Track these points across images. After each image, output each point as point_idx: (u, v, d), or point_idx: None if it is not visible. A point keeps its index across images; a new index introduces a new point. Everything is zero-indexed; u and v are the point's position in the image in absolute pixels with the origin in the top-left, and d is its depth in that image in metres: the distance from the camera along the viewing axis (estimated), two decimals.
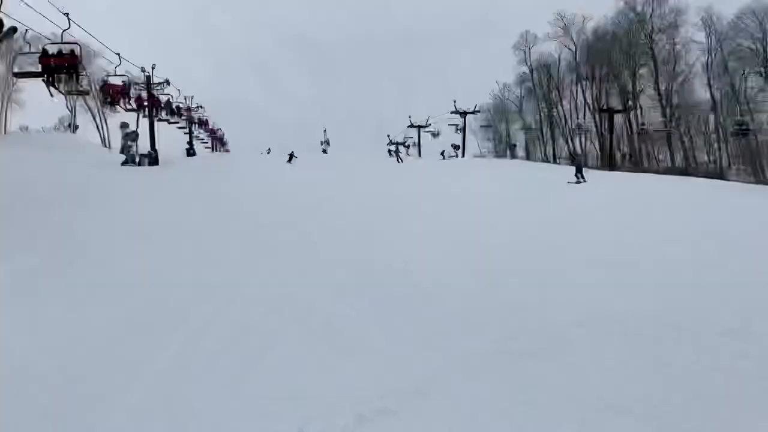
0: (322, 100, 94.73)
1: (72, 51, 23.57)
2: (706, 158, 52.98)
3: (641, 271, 9.70)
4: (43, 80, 23.32)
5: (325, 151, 59.01)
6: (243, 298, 8.19)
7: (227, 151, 58.87)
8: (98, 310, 7.49)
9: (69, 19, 22.77)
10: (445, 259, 10.85)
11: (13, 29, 17.28)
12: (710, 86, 51.60)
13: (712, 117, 51.09)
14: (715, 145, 52.45)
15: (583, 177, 27.86)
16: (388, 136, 61.58)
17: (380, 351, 6.15)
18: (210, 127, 52.75)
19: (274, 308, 7.71)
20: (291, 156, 37.10)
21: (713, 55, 51.48)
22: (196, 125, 47.17)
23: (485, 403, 4.72)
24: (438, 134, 57.12)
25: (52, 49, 23.56)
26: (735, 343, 5.82)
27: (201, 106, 46.88)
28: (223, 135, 58.84)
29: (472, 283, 9.07)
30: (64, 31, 22.87)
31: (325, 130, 62.48)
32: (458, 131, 55.66)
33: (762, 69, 48.58)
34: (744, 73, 49.96)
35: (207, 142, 54.17)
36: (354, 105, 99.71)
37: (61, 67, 23.25)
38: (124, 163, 29.22)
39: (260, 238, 12.55)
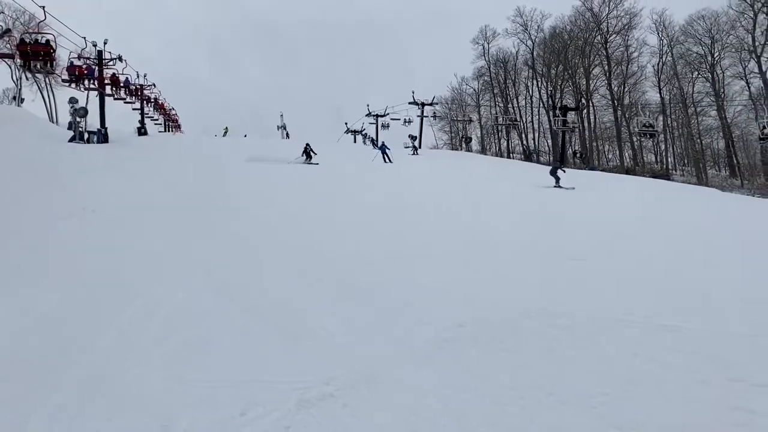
0: (279, 84, 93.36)
1: (48, 41, 27.12)
2: (653, 158, 54.70)
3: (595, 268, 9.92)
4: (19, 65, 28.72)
5: (287, 136, 58.24)
6: (191, 278, 8.06)
7: (180, 131, 57.53)
8: (30, 291, 7.26)
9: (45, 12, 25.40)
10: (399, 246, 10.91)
11: None
12: (660, 88, 53.23)
13: (661, 118, 52.64)
14: (662, 147, 54.21)
15: (558, 180, 24.62)
16: (346, 123, 61.33)
17: (329, 337, 6.13)
18: (162, 105, 51.36)
19: (222, 291, 7.61)
20: (307, 152, 29.11)
21: (664, 59, 53.10)
22: (149, 104, 45.90)
23: (430, 390, 4.76)
24: (410, 121, 56.79)
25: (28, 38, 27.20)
26: (670, 337, 6.03)
27: (153, 85, 45.61)
28: (176, 115, 57.46)
29: (425, 271, 9.13)
30: (40, 22, 26.60)
31: (281, 115, 61.76)
32: (406, 124, 55.50)
33: (709, 74, 50.30)
34: (692, 78, 51.69)
35: (159, 122, 52.76)
36: (311, 91, 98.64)
37: (37, 54, 26.72)
38: (71, 140, 28.21)
39: (211, 219, 12.36)
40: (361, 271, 8.96)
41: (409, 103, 55.80)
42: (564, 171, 25.62)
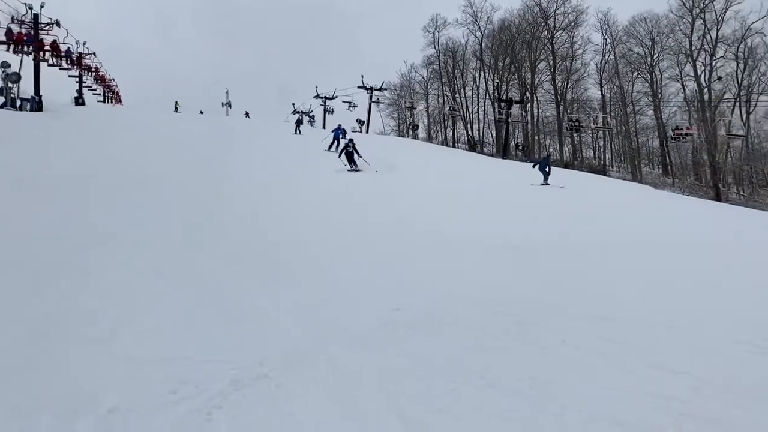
0: (224, 59, 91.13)
1: None
2: (592, 154, 56.40)
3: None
4: None
5: (227, 113, 57.02)
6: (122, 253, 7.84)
7: (120, 103, 55.49)
8: None
9: None
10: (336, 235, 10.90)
11: None
12: (601, 86, 54.76)
13: (601, 115, 54.23)
14: (601, 143, 55.96)
15: (547, 177, 23.86)
16: (293, 104, 60.63)
17: (265, 319, 6.09)
18: (102, 75, 49.37)
19: (155, 268, 7.45)
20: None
21: (606, 57, 54.62)
22: (88, 73, 44.02)
23: (365, 371, 4.80)
24: (355, 106, 56.45)
25: None
26: (602, 325, 6.26)
27: (94, 54, 43.76)
28: (116, 86, 55.35)
29: (363, 256, 9.17)
30: None
31: (227, 92, 60.43)
32: (351, 108, 55.31)
33: (648, 75, 52.10)
34: (632, 77, 53.43)
35: (98, 92, 50.72)
36: (259, 69, 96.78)
37: None
38: (2, 106, 26.80)
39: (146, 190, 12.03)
40: (301, 257, 8.92)
41: (358, 87, 55.55)
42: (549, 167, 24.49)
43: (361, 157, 22.49)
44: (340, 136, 27.36)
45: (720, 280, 9.02)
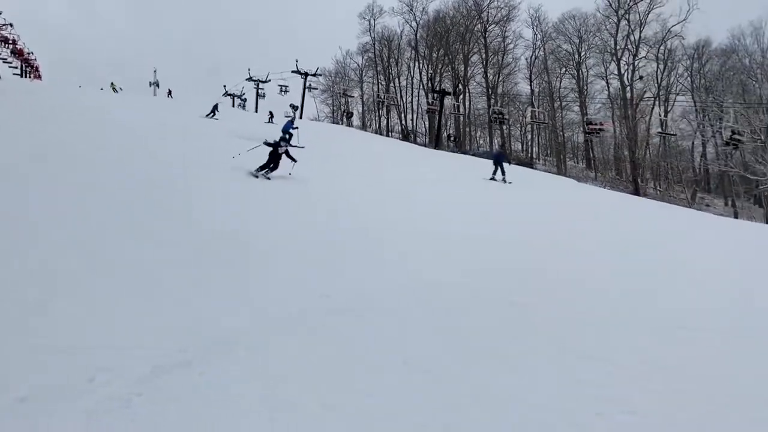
0: (151, 38, 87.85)
1: None
2: (520, 147, 57.94)
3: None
4: None
5: (155, 93, 55.19)
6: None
7: (39, 78, 52.68)
8: None
9: None
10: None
11: None
12: (531, 81, 56.26)
13: (530, 109, 55.71)
14: (529, 136, 57.58)
15: (504, 175, 22.43)
16: (225, 86, 59.34)
17: (189, 306, 5.97)
18: (20, 48, 46.73)
19: (69, 251, 7.15)
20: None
21: (536, 53, 56.10)
22: (5, 45, 41.57)
23: (288, 358, 4.80)
24: (287, 91, 55.69)
25: None
26: (515, 311, 6.50)
27: (10, 24, 41.36)
28: (36, 60, 52.51)
29: (290, 247, 9.12)
30: None
31: (155, 71, 58.49)
32: (283, 93, 54.73)
33: (575, 71, 53.91)
34: (560, 73, 55.16)
35: (14, 65, 47.98)
36: (189, 49, 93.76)
37: None
38: None
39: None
40: (228, 242, 8.78)
41: (293, 71, 54.94)
42: (509, 163, 23.39)
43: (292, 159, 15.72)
44: (291, 129, 24.42)
45: (635, 270, 9.50)
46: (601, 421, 3.98)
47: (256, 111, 54.28)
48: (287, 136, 20.98)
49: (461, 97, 57.40)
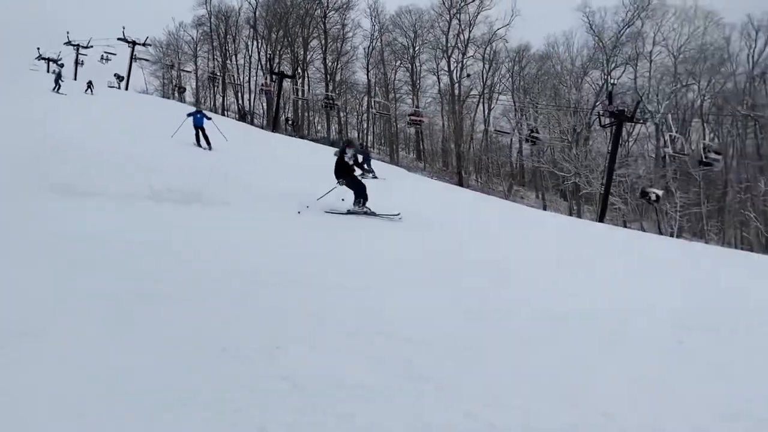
0: None
1: None
2: (356, 135, 59.26)
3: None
4: None
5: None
6: None
7: None
8: None
9: None
10: None
11: None
12: (368, 71, 57.66)
13: (366, 98, 57.20)
14: (365, 125, 59.12)
15: (371, 170, 22.05)
16: (38, 49, 53.86)
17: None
18: None
19: None
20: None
21: (374, 43, 57.57)
22: None
23: (87, 344, 4.64)
24: (108, 59, 51.62)
25: None
26: (335, 294, 6.79)
27: None
28: None
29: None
30: None
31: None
32: (104, 61, 51.12)
33: (409, 65, 56.20)
34: (395, 65, 57.18)
35: None
36: None
37: None
38: None
39: None
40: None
41: (118, 39, 51.24)
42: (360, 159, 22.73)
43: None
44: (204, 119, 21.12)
45: (434, 251, 10.17)
46: None
47: (75, 79, 49.67)
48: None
49: (300, 81, 57.24)
